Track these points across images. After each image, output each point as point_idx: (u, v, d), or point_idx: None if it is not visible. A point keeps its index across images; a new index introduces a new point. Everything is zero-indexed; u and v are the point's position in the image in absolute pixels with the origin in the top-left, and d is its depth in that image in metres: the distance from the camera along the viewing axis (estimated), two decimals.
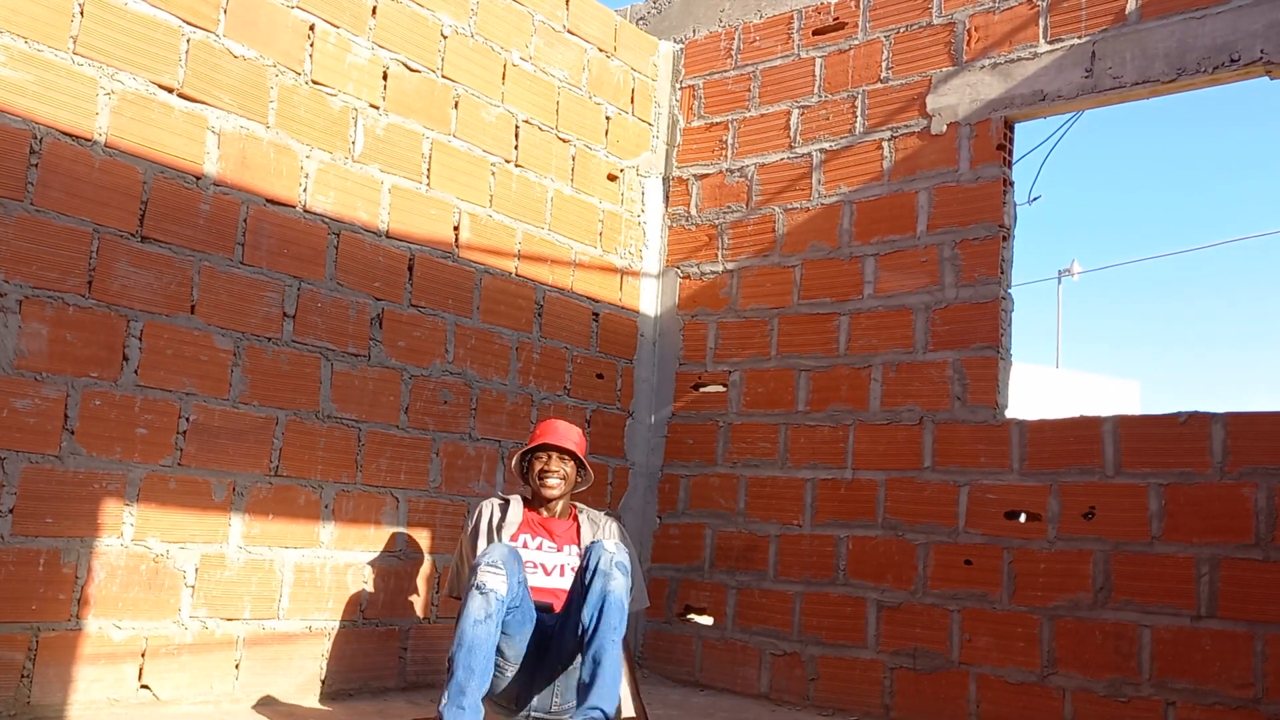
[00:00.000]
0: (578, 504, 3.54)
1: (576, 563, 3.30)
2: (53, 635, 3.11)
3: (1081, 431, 3.88)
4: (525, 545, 3.33)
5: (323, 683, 3.77)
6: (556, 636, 3.11)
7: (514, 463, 3.50)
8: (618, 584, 2.99)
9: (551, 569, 3.32)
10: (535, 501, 3.45)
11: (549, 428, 3.47)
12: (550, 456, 3.40)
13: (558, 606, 3.23)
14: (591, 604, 2.98)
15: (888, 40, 4.60)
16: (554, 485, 3.39)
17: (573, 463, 3.43)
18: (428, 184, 4.19)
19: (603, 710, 2.88)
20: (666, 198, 5.21)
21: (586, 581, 3.03)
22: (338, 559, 3.83)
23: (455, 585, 3.51)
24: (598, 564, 3.03)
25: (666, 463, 4.97)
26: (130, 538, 3.28)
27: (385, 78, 4.04)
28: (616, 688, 2.95)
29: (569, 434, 3.45)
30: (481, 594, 2.89)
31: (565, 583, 3.28)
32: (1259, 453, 3.54)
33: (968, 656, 3.96)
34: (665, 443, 4.99)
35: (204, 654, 3.44)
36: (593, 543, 3.13)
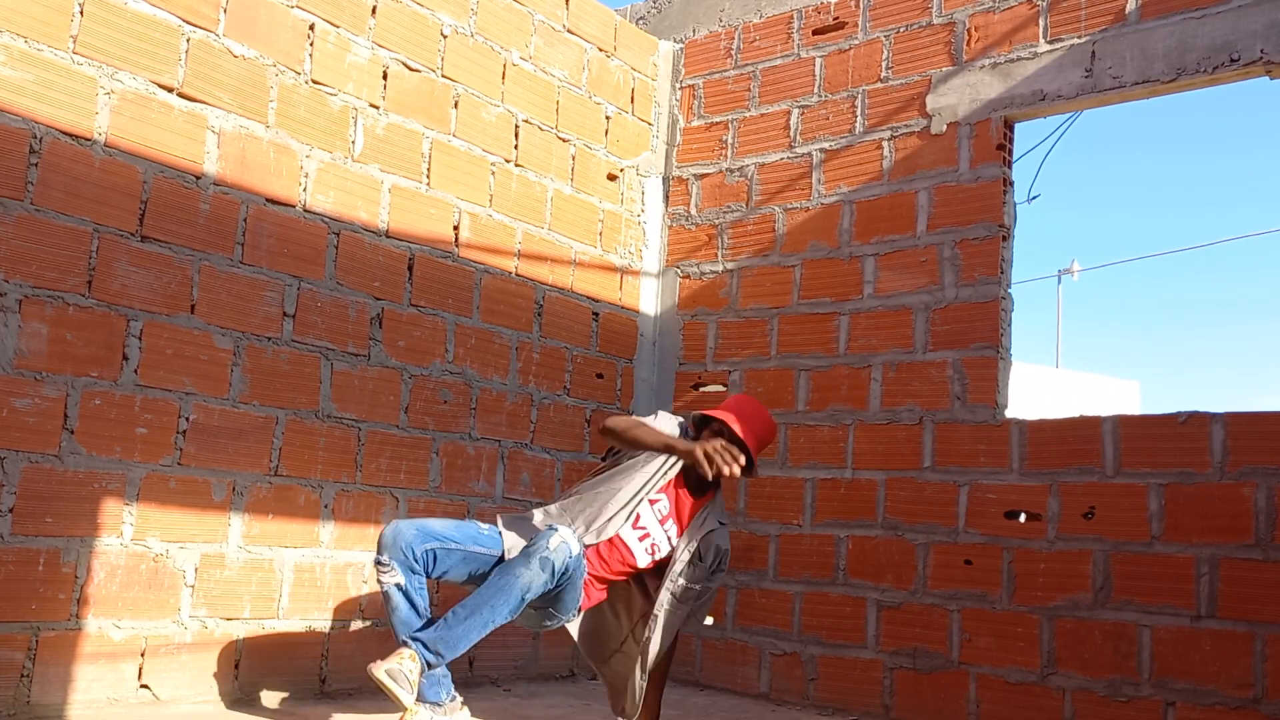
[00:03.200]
0: (717, 492, 3.40)
1: (666, 549, 3.29)
2: (52, 635, 3.11)
3: (1081, 431, 3.88)
4: (646, 513, 3.27)
5: (323, 682, 3.77)
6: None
7: (693, 416, 3.33)
8: (526, 576, 2.96)
9: (654, 550, 3.29)
10: (686, 471, 3.29)
11: (749, 412, 3.27)
12: (728, 441, 3.17)
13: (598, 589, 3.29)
14: (499, 569, 3.04)
15: (888, 40, 4.60)
16: (705, 474, 3.21)
17: (742, 463, 3.20)
18: (427, 183, 4.19)
19: (424, 645, 2.94)
20: (666, 197, 5.21)
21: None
22: (338, 559, 3.83)
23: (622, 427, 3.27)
24: (529, 547, 3.03)
25: None
26: (130, 537, 3.28)
27: (385, 77, 4.04)
28: (455, 643, 2.97)
29: (761, 431, 3.28)
30: (383, 591, 3.07)
31: (642, 560, 3.28)
32: (1259, 453, 3.54)
33: (968, 656, 3.97)
34: None
35: (204, 653, 3.44)
36: (549, 527, 3.11)
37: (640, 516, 3.25)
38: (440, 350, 4.20)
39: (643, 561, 3.28)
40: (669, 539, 3.30)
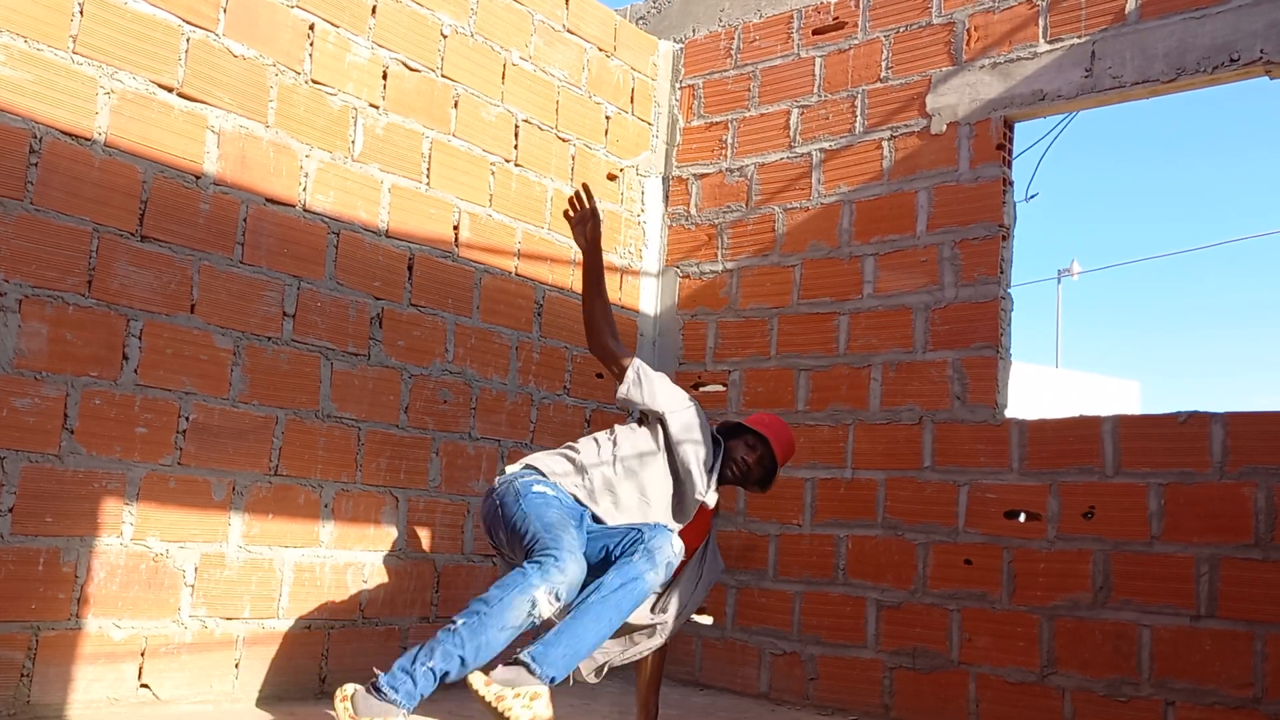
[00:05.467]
0: (718, 511, 3.49)
1: None
2: (52, 634, 3.11)
3: (1081, 431, 3.88)
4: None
5: (323, 682, 3.77)
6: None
7: (729, 421, 3.43)
8: (650, 579, 2.82)
9: None
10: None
11: (783, 437, 3.36)
12: (761, 459, 3.30)
13: None
14: (621, 565, 2.81)
15: (887, 40, 4.60)
16: (730, 476, 3.31)
17: (760, 483, 3.37)
18: (427, 183, 4.19)
19: (541, 668, 2.65)
20: (666, 197, 5.21)
21: (628, 545, 2.90)
22: (337, 558, 3.83)
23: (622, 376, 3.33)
24: (649, 544, 2.84)
25: None
26: (130, 537, 3.28)
27: (385, 77, 4.04)
28: (572, 657, 2.72)
29: (787, 455, 3.38)
30: (530, 612, 2.73)
31: None
32: (1259, 452, 3.54)
33: (967, 656, 3.97)
34: None
35: (203, 653, 3.44)
36: (660, 528, 2.94)
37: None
38: (440, 350, 4.20)
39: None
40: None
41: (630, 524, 3.04)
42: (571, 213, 3.37)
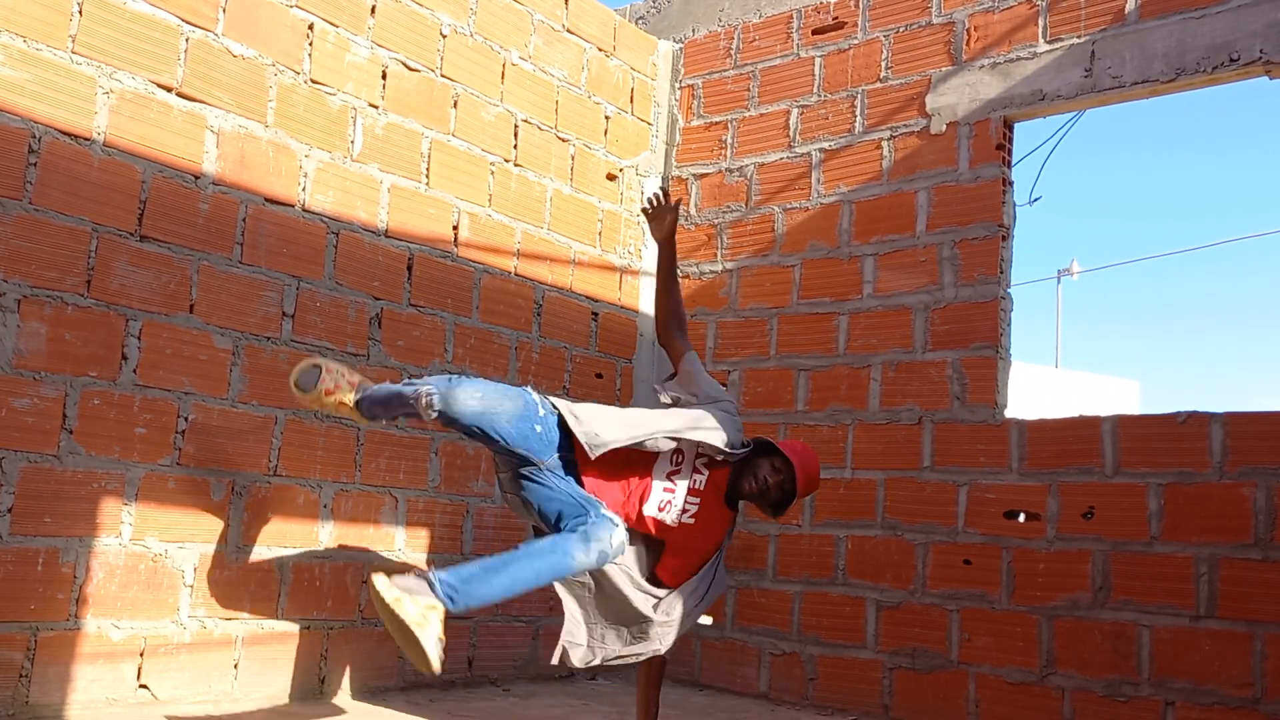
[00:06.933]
0: (737, 514, 3.36)
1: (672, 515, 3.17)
2: (51, 635, 3.11)
3: (1081, 431, 3.88)
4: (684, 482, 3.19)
5: (321, 682, 3.77)
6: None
7: (760, 438, 3.32)
8: (579, 561, 2.86)
9: (665, 507, 3.17)
10: (730, 484, 3.26)
11: (810, 464, 3.22)
12: (781, 483, 3.17)
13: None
14: (557, 536, 2.89)
15: (887, 40, 4.59)
16: (748, 490, 3.20)
17: (774, 506, 3.24)
18: (427, 183, 4.18)
19: (448, 586, 2.73)
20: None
21: (574, 519, 2.93)
22: (337, 559, 3.83)
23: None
24: (590, 528, 2.88)
25: None
26: (129, 537, 3.28)
27: (384, 77, 4.04)
28: (477, 599, 2.79)
29: (809, 489, 3.25)
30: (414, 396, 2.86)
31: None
32: (1258, 452, 3.54)
33: (967, 656, 3.96)
34: None
35: (202, 653, 3.44)
36: (607, 518, 2.94)
37: (680, 477, 3.19)
38: (439, 350, 4.19)
39: (648, 511, 3.15)
40: (680, 513, 3.18)
41: (586, 499, 3.01)
42: (650, 208, 3.53)
